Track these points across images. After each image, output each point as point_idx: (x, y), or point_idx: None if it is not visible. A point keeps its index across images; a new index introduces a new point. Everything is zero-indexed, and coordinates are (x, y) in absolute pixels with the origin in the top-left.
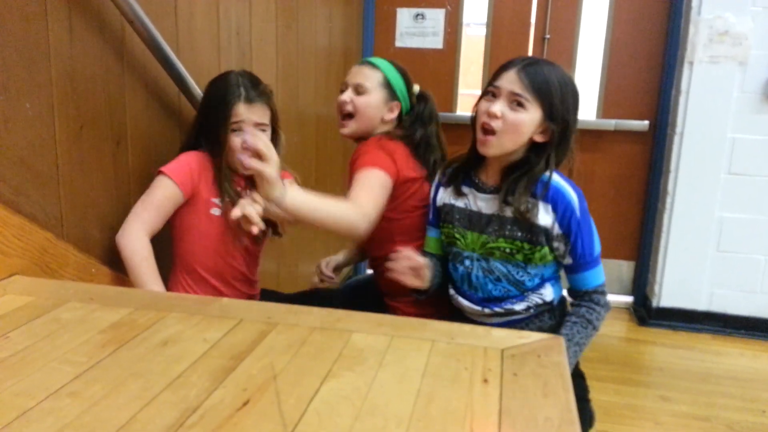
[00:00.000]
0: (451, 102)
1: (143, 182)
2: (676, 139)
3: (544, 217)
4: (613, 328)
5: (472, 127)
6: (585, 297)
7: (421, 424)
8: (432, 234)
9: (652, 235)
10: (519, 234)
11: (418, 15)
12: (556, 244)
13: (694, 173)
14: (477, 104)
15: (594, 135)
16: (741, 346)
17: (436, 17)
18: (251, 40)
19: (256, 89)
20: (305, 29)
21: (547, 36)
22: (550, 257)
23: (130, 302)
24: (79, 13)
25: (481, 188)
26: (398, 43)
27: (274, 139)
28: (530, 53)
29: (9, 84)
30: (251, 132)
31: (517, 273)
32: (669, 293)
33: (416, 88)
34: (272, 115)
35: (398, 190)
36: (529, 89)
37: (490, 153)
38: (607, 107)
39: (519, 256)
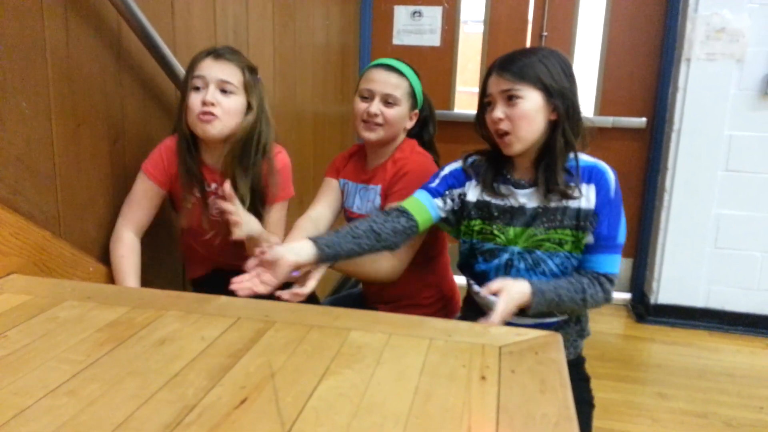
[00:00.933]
0: (448, 100)
1: None
2: (674, 136)
3: (590, 199)
4: (611, 325)
5: (482, 137)
6: (592, 275)
7: (418, 422)
8: (423, 199)
9: (649, 232)
10: (566, 222)
11: (415, 12)
12: (586, 223)
13: (692, 170)
14: (482, 117)
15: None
16: (738, 343)
17: (433, 15)
18: (248, 38)
19: (228, 49)
20: (302, 27)
21: (545, 33)
22: None
23: (128, 301)
24: (76, 11)
25: (519, 185)
26: (395, 41)
27: (255, 122)
28: None
29: (5, 82)
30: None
31: (565, 269)
32: (667, 290)
33: None
34: (247, 88)
35: None
36: (514, 80)
37: (516, 150)
38: (604, 104)
39: (567, 246)
